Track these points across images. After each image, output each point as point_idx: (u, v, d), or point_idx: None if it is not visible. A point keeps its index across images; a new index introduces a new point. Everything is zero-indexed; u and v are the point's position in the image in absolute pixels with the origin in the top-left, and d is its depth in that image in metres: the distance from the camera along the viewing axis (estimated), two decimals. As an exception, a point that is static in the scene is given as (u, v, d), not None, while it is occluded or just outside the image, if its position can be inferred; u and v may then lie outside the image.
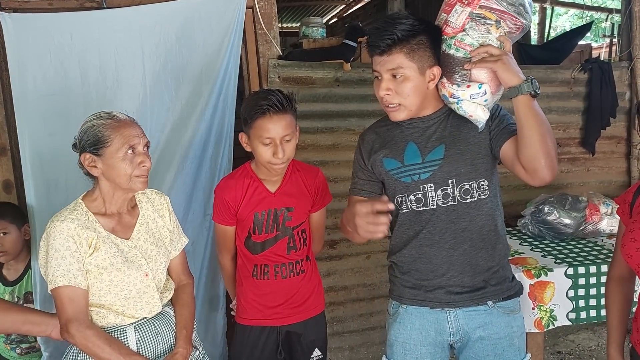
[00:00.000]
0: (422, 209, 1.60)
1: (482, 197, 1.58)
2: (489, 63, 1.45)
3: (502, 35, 1.49)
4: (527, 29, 1.54)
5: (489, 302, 1.61)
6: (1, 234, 2.13)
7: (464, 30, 1.50)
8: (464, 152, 1.56)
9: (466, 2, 1.48)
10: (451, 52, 1.52)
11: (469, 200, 1.57)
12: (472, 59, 1.49)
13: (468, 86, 1.52)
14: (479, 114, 1.53)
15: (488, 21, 1.48)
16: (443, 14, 1.54)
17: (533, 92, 1.42)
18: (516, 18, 1.49)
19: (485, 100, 1.52)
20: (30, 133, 2.30)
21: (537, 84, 1.43)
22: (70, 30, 2.32)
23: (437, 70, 1.54)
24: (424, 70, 1.52)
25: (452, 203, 1.57)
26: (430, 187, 1.58)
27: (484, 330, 1.61)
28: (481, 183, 1.57)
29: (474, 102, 1.52)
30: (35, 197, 2.29)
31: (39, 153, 2.29)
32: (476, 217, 1.58)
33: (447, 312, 1.63)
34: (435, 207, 1.58)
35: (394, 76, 1.52)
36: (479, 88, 1.51)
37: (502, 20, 1.49)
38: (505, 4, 1.47)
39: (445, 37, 1.53)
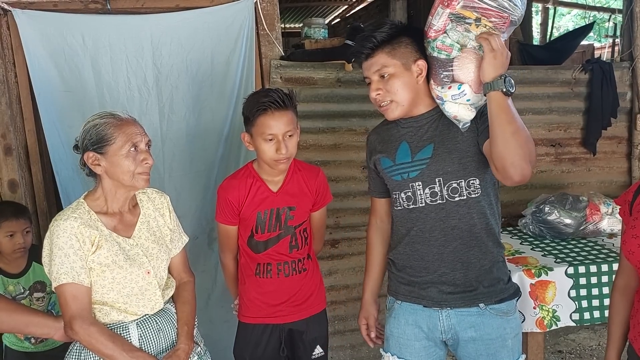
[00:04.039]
0: (412, 206, 1.63)
1: (473, 195, 1.59)
2: (487, 45, 1.43)
3: (483, 32, 1.47)
4: (518, 21, 1.53)
5: (481, 305, 1.62)
6: (25, 233, 2.23)
7: (445, 32, 1.52)
8: (452, 151, 1.58)
9: (446, 4, 1.49)
10: (435, 54, 1.54)
11: (457, 199, 1.59)
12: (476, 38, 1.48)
13: (449, 87, 1.54)
14: (463, 114, 1.55)
15: (467, 20, 1.48)
16: (429, 17, 1.56)
17: (505, 90, 1.42)
18: (501, 13, 1.47)
19: (468, 100, 1.53)
20: (53, 125, 2.40)
21: (512, 82, 1.43)
22: (82, 32, 2.39)
23: (422, 63, 1.57)
24: (409, 66, 1.56)
25: (440, 201, 1.59)
26: (419, 185, 1.60)
27: (475, 331, 1.63)
28: (471, 182, 1.58)
29: (455, 102, 1.54)
30: (62, 186, 2.44)
31: (61, 144, 2.41)
32: (466, 215, 1.59)
33: (439, 311, 1.65)
34: (424, 205, 1.61)
35: (382, 76, 1.57)
36: (459, 88, 1.53)
37: (483, 18, 1.47)
38: (487, 0, 1.45)
39: (429, 39, 1.55)
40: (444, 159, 1.58)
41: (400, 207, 1.66)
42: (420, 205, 1.61)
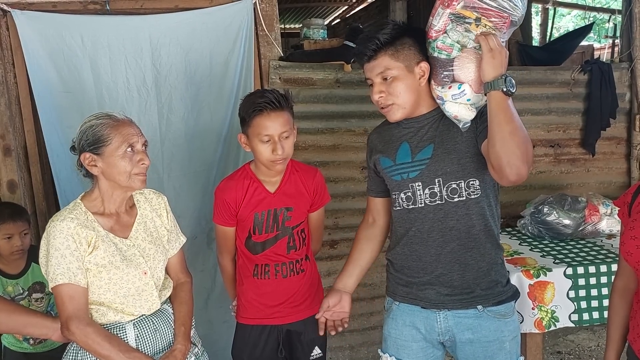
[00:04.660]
0: (411, 207, 1.62)
1: (472, 196, 1.58)
2: (485, 45, 1.43)
3: (483, 31, 1.47)
4: (519, 22, 1.52)
5: (479, 307, 1.62)
6: (23, 235, 2.22)
7: (445, 32, 1.51)
8: (451, 151, 1.57)
9: (446, 4, 1.49)
10: (435, 54, 1.54)
11: (456, 200, 1.58)
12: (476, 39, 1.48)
13: (450, 87, 1.54)
14: (463, 114, 1.54)
15: (467, 20, 1.48)
16: (430, 17, 1.56)
17: (505, 90, 1.41)
18: (501, 13, 1.47)
19: (468, 100, 1.53)
20: (52, 126, 2.41)
21: (512, 82, 1.43)
22: (81, 33, 2.40)
23: (425, 66, 1.56)
24: (412, 68, 1.56)
25: (439, 202, 1.59)
26: (419, 185, 1.60)
27: (472, 333, 1.62)
28: (471, 182, 1.58)
29: (456, 102, 1.53)
30: (60, 186, 2.45)
31: (60, 144, 2.41)
32: (464, 216, 1.59)
33: (437, 312, 1.64)
34: (423, 205, 1.60)
35: (385, 79, 1.57)
36: (459, 88, 1.52)
37: (483, 18, 1.47)
38: (487, 0, 1.45)
39: (430, 40, 1.55)
40: (443, 160, 1.58)
41: (399, 208, 1.66)
42: (420, 205, 1.61)
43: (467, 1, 1.46)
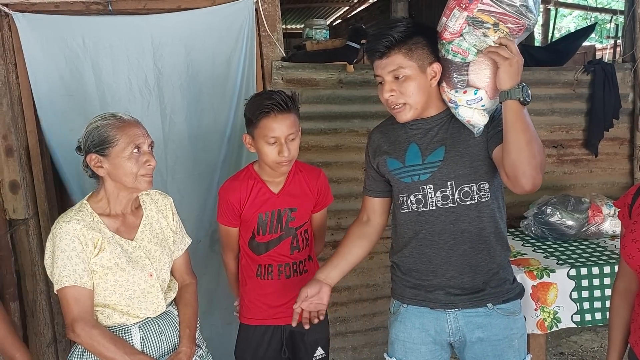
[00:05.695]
0: (422, 209, 1.61)
1: (483, 199, 1.58)
2: (499, 57, 1.42)
3: (501, 37, 1.45)
4: (532, 28, 1.51)
5: (489, 305, 1.62)
6: None
7: (461, 35, 1.49)
8: (463, 154, 1.56)
9: (464, 7, 1.46)
10: (449, 57, 1.52)
11: (468, 202, 1.58)
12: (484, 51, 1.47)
13: (465, 92, 1.52)
14: (477, 119, 1.53)
15: (486, 25, 1.45)
16: (443, 18, 1.53)
17: (522, 99, 1.41)
18: (518, 19, 1.45)
19: (483, 106, 1.52)
20: (53, 129, 2.40)
21: (528, 91, 1.42)
22: (82, 34, 2.38)
23: (437, 67, 1.55)
24: (425, 68, 1.54)
25: (451, 205, 1.58)
26: (430, 188, 1.59)
27: (482, 332, 1.62)
28: (482, 185, 1.57)
29: (470, 107, 1.52)
30: (71, 187, 2.44)
31: (62, 147, 2.39)
32: (476, 219, 1.58)
33: (447, 312, 1.64)
34: (434, 208, 1.59)
35: (396, 77, 1.54)
36: (475, 94, 1.51)
37: (501, 23, 1.45)
38: (504, 5, 1.43)
39: (443, 42, 1.53)
40: (456, 162, 1.57)
41: (407, 210, 1.64)
42: (431, 208, 1.60)
43: (485, 5, 1.44)
